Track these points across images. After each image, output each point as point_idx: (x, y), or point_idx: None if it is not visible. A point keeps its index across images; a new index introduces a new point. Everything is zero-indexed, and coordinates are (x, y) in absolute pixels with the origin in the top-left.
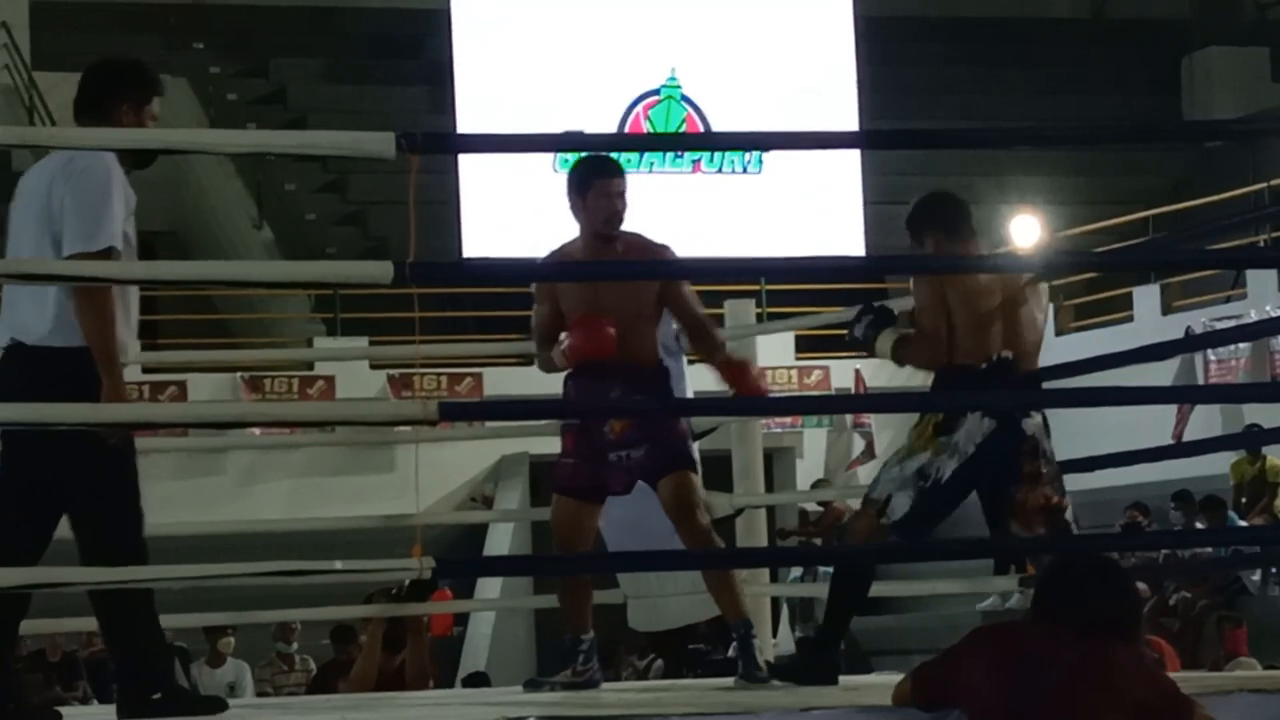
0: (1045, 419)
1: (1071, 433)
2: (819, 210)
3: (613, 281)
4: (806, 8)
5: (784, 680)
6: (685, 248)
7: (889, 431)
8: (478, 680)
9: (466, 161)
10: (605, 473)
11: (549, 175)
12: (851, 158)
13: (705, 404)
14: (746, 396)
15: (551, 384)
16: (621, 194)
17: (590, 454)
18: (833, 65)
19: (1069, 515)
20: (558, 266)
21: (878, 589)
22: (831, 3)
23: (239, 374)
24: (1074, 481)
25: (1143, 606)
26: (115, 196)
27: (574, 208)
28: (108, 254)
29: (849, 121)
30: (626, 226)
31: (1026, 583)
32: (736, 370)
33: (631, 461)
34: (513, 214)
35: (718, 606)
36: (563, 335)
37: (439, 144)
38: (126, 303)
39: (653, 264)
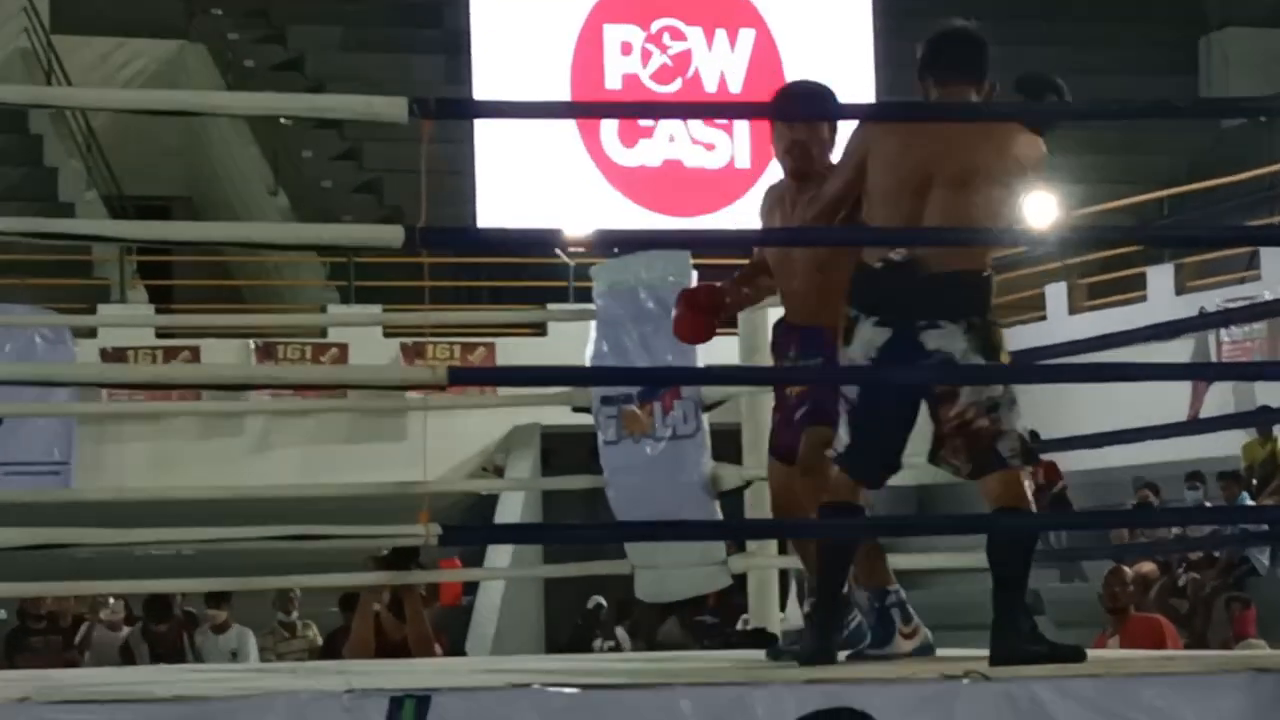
0: (974, 333)
1: (1082, 410)
2: None
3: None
4: None
5: (784, 660)
6: (700, 220)
7: None
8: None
9: (482, 131)
10: (796, 434)
11: (564, 145)
12: None
13: (711, 373)
14: (755, 367)
15: (564, 354)
16: (783, 139)
17: (784, 415)
18: (850, 40)
19: (1004, 446)
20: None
21: (890, 561)
22: None
23: (252, 340)
24: (1085, 459)
25: None
26: None
27: None
28: None
29: (866, 97)
30: None
31: None
32: None
33: (804, 416)
34: (527, 184)
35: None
36: None
37: (451, 109)
38: None
39: (661, 233)
